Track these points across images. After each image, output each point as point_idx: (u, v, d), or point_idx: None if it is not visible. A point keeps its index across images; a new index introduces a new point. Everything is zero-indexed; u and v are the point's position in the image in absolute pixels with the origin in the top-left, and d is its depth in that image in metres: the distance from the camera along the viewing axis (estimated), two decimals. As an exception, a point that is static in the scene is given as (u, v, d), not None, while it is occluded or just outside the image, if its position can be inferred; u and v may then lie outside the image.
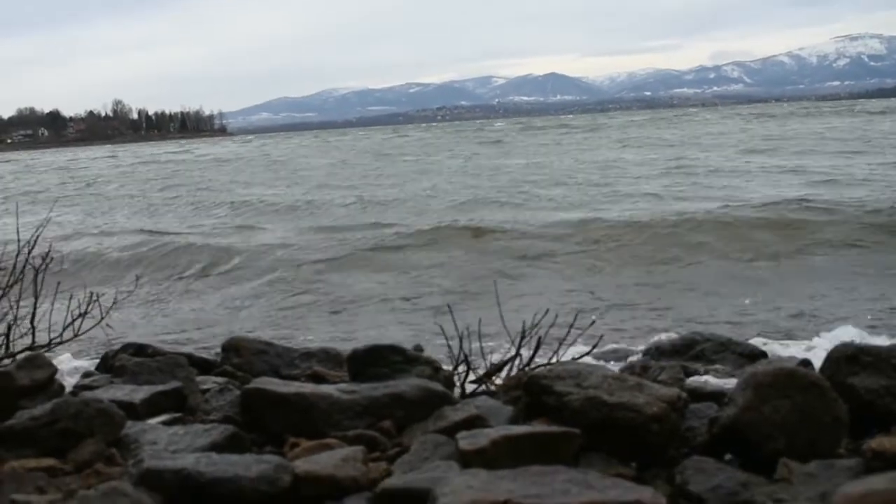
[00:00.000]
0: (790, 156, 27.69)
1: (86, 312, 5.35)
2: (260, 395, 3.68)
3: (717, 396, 3.78)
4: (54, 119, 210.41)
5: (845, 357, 3.54)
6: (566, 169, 27.69)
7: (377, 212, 17.97)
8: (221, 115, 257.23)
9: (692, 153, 31.58)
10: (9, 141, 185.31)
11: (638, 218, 13.85)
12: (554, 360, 4.44)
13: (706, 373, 4.73)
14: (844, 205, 13.90)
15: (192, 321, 8.95)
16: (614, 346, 6.07)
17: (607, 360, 5.00)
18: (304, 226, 16.48)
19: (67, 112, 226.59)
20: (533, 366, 4.36)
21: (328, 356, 5.18)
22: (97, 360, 5.85)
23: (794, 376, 3.12)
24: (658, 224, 13.06)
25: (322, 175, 31.51)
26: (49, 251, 5.53)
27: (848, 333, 5.88)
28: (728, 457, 3.11)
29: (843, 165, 22.49)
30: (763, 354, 5.26)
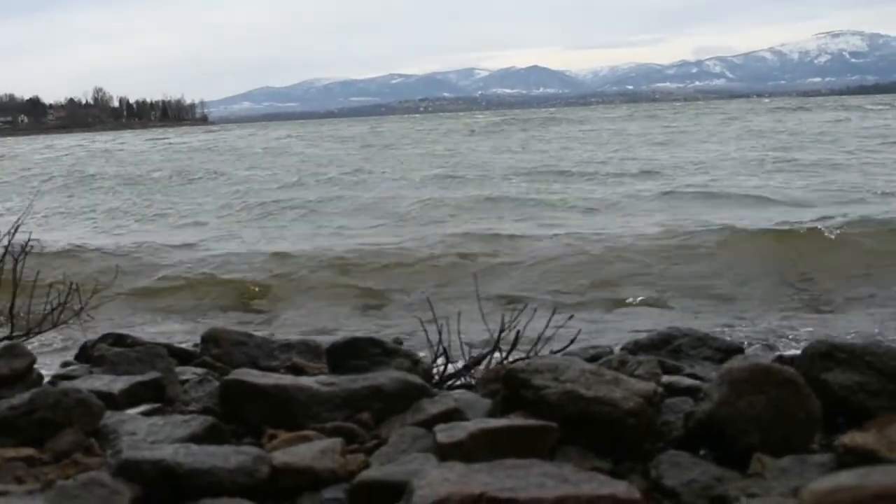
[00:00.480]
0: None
1: (65, 303, 5.34)
2: (239, 387, 3.69)
3: (693, 391, 3.80)
4: (34, 106, 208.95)
5: (819, 353, 3.58)
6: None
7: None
8: (203, 104, 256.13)
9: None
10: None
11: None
12: (532, 353, 4.46)
13: (683, 368, 4.77)
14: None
15: (173, 311, 8.93)
16: (592, 340, 6.11)
17: (585, 354, 5.02)
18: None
19: (48, 99, 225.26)
20: (511, 359, 4.38)
21: (307, 348, 5.19)
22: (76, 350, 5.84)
23: (770, 372, 3.15)
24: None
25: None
26: (28, 241, 5.51)
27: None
28: (703, 451, 3.14)
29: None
30: (740, 350, 5.30)
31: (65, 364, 5.42)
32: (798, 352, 4.03)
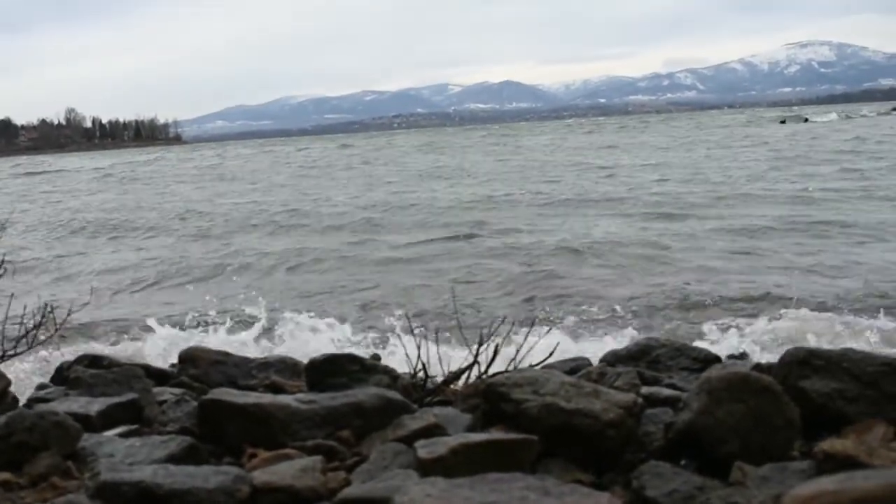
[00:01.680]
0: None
1: (41, 324, 5.29)
2: (217, 406, 3.66)
3: (673, 401, 3.81)
4: (6, 127, 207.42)
5: (797, 361, 3.60)
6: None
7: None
8: (176, 123, 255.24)
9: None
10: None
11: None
12: (511, 367, 4.45)
13: (662, 379, 4.77)
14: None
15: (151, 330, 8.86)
16: (572, 352, 6.11)
17: (564, 367, 5.02)
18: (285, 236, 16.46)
19: (19, 120, 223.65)
20: (491, 373, 4.38)
21: (286, 366, 5.17)
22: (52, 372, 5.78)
23: (748, 381, 3.16)
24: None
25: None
26: (2, 259, 5.46)
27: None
28: (684, 461, 3.14)
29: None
30: (717, 359, 5.31)
31: (41, 386, 5.37)
32: (775, 359, 4.05)
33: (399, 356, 4.93)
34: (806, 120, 76.96)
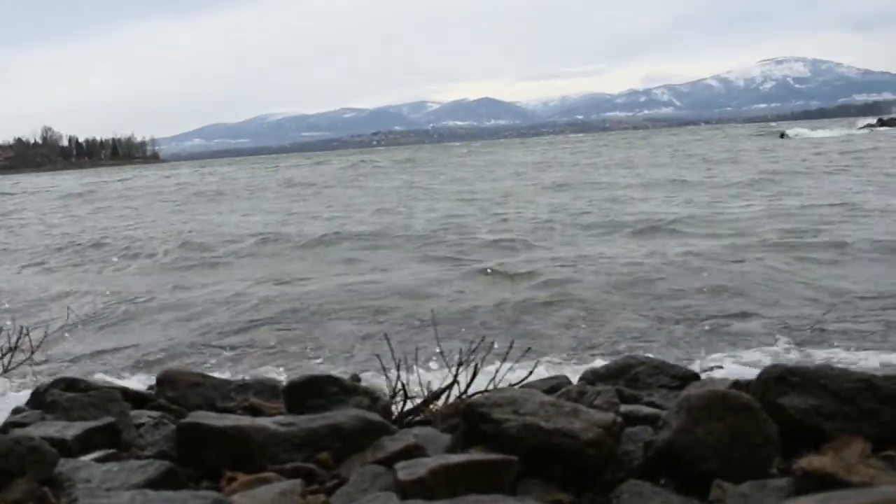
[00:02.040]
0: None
1: (16, 347, 5.25)
2: (195, 430, 3.63)
3: (653, 419, 3.81)
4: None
5: (774, 378, 3.61)
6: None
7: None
8: (154, 141, 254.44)
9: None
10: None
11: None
12: (491, 386, 4.45)
13: (641, 397, 4.78)
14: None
15: (127, 353, 8.82)
16: (551, 371, 6.12)
17: (544, 386, 5.01)
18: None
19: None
20: (470, 393, 4.37)
21: (264, 387, 5.13)
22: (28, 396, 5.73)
23: (726, 398, 3.17)
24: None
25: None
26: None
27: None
28: (663, 480, 3.15)
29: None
30: (696, 376, 5.33)
31: (16, 410, 5.31)
32: (753, 377, 4.06)
33: (379, 377, 4.92)
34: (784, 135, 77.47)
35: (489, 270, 12.81)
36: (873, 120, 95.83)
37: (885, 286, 9.99)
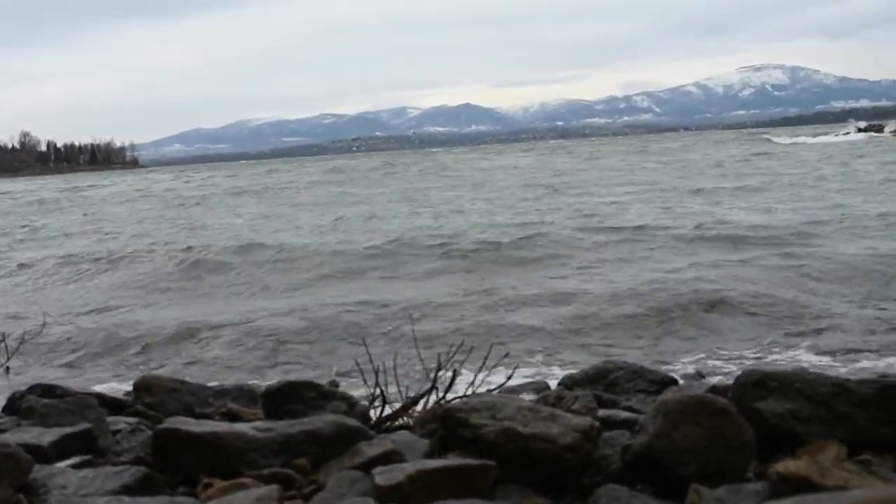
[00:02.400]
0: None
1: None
2: (172, 435, 3.61)
3: (630, 424, 3.82)
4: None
5: (752, 382, 3.63)
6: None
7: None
8: (133, 146, 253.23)
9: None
10: None
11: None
12: (469, 391, 4.46)
13: (619, 401, 4.79)
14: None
15: (104, 360, 8.77)
16: (529, 377, 6.13)
17: (522, 391, 5.03)
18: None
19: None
20: (449, 398, 4.37)
21: (242, 393, 5.12)
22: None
23: (703, 403, 3.19)
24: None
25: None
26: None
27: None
28: (640, 484, 3.16)
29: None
30: (674, 381, 5.34)
31: (-9, 418, 5.27)
32: (730, 381, 4.08)
33: (357, 383, 4.91)
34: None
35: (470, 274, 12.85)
36: (862, 125, 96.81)
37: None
